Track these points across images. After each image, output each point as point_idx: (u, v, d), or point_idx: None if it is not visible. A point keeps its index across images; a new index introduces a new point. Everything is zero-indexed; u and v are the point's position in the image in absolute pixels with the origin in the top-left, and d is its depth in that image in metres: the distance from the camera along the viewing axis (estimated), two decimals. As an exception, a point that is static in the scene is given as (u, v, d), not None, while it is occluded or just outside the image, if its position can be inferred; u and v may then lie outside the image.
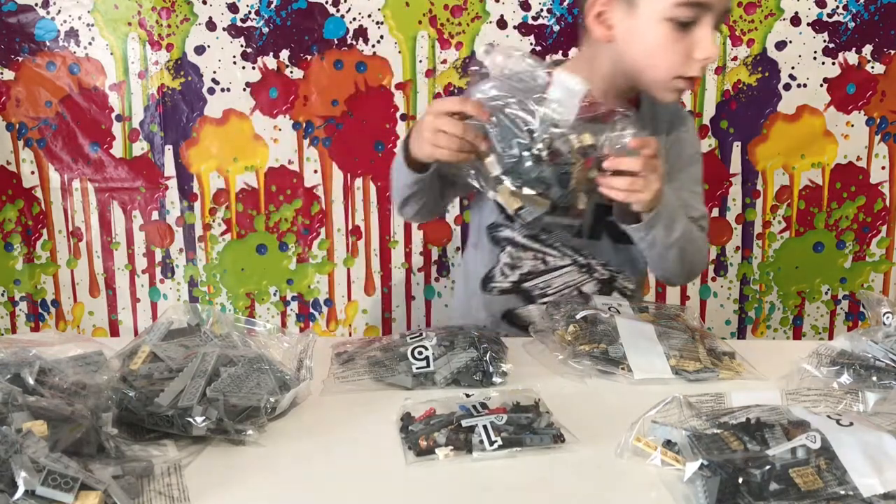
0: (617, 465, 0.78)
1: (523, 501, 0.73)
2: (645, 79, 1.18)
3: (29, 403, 0.73)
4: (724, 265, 2.04)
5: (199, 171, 1.97)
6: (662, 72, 1.15)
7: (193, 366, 0.86)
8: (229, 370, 0.86)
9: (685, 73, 1.14)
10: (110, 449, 0.74)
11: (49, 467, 0.64)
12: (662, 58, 1.14)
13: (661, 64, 1.14)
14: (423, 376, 0.98)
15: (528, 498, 0.73)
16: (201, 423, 0.79)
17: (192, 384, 0.83)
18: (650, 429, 0.79)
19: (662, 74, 1.15)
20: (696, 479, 0.70)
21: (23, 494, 0.62)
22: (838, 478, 0.68)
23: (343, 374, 0.99)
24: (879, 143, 1.95)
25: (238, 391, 0.84)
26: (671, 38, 1.12)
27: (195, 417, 0.79)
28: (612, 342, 1.04)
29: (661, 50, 1.13)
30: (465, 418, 0.82)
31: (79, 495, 0.64)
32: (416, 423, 0.83)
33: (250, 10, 1.89)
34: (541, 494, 0.74)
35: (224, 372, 0.86)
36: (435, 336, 1.02)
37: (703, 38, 1.11)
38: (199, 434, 0.79)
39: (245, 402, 0.83)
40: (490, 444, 0.79)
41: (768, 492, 0.67)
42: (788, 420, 0.76)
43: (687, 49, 1.12)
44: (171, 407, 0.80)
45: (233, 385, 0.85)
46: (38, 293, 2.09)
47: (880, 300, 1.07)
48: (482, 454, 0.78)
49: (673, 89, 1.17)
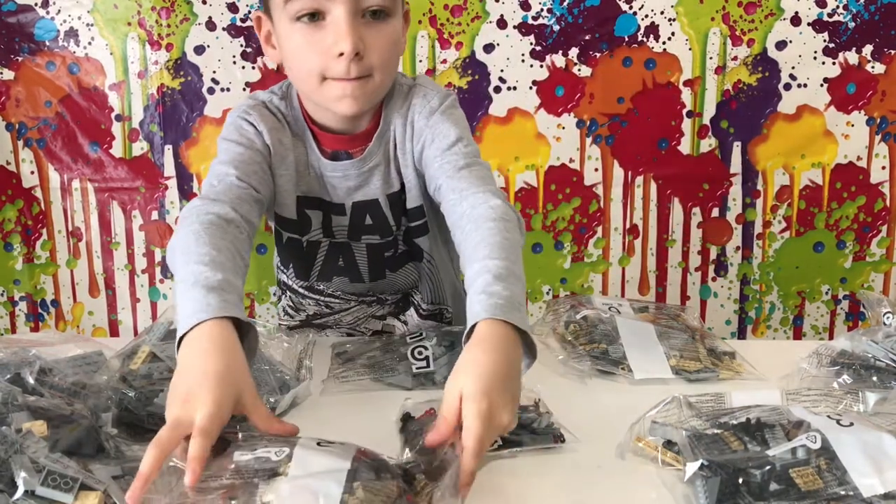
0: (617, 465, 0.78)
1: (523, 502, 0.73)
2: (304, 91, 1.04)
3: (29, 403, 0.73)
4: (724, 265, 2.04)
5: (199, 171, 1.97)
6: (309, 77, 0.99)
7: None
8: None
9: (329, 73, 0.97)
10: (110, 449, 0.74)
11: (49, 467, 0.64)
12: (303, 60, 0.98)
13: (303, 67, 0.99)
14: (423, 376, 0.98)
15: (529, 498, 0.73)
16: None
17: None
18: (650, 429, 0.79)
19: (311, 81, 0.99)
20: (696, 479, 0.70)
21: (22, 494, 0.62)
22: (838, 478, 0.68)
23: (343, 374, 0.99)
24: (879, 143, 1.95)
25: None
26: (302, 39, 0.97)
27: None
28: (612, 342, 1.04)
29: (299, 53, 0.98)
30: None
31: (78, 495, 0.64)
32: (416, 423, 0.83)
33: (250, 10, 1.89)
34: (541, 495, 0.74)
35: None
36: (435, 336, 1.02)
37: (335, 31, 0.95)
38: None
39: None
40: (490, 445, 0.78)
41: (768, 492, 0.67)
42: (788, 420, 0.76)
43: (325, 45, 0.96)
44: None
45: None
46: (38, 293, 2.09)
47: (880, 300, 1.07)
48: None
49: (335, 97, 0.99)
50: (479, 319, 0.79)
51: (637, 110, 1.93)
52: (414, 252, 1.18)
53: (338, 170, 1.07)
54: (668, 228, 2.01)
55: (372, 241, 1.14)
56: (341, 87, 0.98)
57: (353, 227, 1.12)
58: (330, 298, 1.22)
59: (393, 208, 1.11)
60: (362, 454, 0.70)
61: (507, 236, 0.89)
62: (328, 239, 1.14)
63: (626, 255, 2.03)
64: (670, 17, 1.89)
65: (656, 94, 1.93)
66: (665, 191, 1.99)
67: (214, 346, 0.76)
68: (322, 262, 1.17)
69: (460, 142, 1.02)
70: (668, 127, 1.95)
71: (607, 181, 1.98)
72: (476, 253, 0.87)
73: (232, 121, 1.08)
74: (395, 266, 1.18)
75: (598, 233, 2.02)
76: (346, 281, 1.19)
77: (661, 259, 2.03)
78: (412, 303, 1.26)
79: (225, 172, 1.00)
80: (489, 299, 0.80)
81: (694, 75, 1.92)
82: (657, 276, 2.04)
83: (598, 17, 1.89)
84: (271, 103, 1.08)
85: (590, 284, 2.04)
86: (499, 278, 0.83)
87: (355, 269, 1.17)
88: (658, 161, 1.97)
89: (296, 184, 1.08)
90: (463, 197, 0.96)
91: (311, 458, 0.68)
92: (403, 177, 1.09)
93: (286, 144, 1.07)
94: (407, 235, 1.15)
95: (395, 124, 1.07)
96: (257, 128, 1.05)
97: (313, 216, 1.11)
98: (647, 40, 1.90)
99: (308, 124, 1.07)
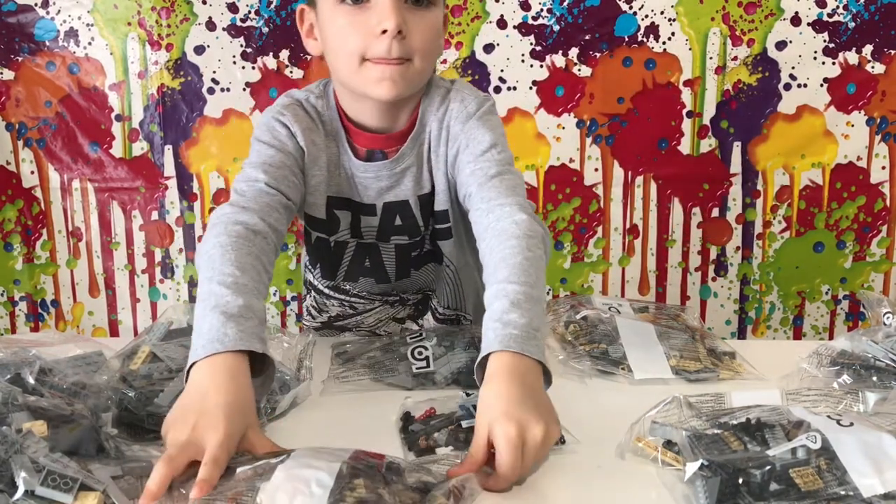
0: (617, 465, 0.78)
1: (523, 502, 0.73)
2: (345, 78, 1.02)
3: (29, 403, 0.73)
4: (724, 265, 2.04)
5: (199, 171, 1.97)
6: (350, 58, 0.98)
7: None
8: None
9: (372, 54, 0.97)
10: (110, 449, 0.73)
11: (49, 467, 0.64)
12: (344, 41, 0.98)
13: (344, 48, 0.98)
14: (423, 376, 0.97)
15: (528, 498, 0.73)
16: None
17: None
18: (650, 429, 0.79)
19: (352, 62, 0.98)
20: (696, 479, 0.70)
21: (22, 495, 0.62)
22: (838, 478, 0.68)
23: (343, 374, 0.99)
24: (879, 143, 1.95)
25: None
26: (346, 20, 0.97)
27: None
28: (612, 342, 1.04)
29: (341, 34, 0.98)
30: (464, 419, 0.82)
31: (78, 495, 0.64)
32: (416, 423, 0.83)
33: (250, 10, 1.89)
34: (541, 495, 0.74)
35: None
36: (435, 336, 1.02)
37: (380, 11, 0.95)
38: None
39: None
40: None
41: (768, 492, 0.67)
42: (788, 420, 0.76)
43: (368, 26, 0.96)
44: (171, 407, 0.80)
45: None
46: (38, 293, 2.09)
47: (880, 300, 1.07)
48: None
49: (374, 79, 0.98)
50: (492, 351, 0.80)
51: (637, 110, 1.93)
52: (436, 253, 1.17)
53: (370, 170, 1.07)
54: (668, 228, 2.01)
55: (401, 241, 1.14)
56: (380, 69, 0.97)
57: (382, 228, 1.12)
58: (355, 299, 1.22)
59: (423, 210, 1.11)
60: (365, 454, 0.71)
61: (528, 255, 0.89)
62: (356, 240, 1.14)
63: (626, 255, 2.03)
64: (670, 17, 1.89)
65: (656, 94, 1.93)
66: (665, 191, 1.99)
67: (227, 379, 0.77)
68: (349, 263, 1.17)
69: (494, 148, 1.02)
70: (668, 127, 1.95)
71: (607, 181, 1.98)
72: (496, 274, 0.88)
73: (266, 121, 1.07)
74: (418, 265, 1.18)
75: (598, 233, 2.02)
76: (371, 282, 1.19)
77: (661, 259, 2.04)
78: (430, 306, 1.26)
79: (255, 178, 1.00)
80: (504, 329, 0.81)
81: (694, 75, 1.92)
82: (657, 277, 2.04)
83: (598, 17, 1.89)
84: (307, 102, 1.08)
85: (590, 284, 2.04)
86: (515, 305, 0.83)
87: (382, 269, 1.17)
88: (658, 161, 1.97)
89: (327, 184, 1.08)
90: (490, 208, 0.96)
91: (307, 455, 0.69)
92: (434, 179, 1.09)
93: (319, 145, 1.07)
94: (432, 237, 1.15)
95: (430, 126, 1.07)
96: (291, 129, 1.05)
97: (342, 217, 1.11)
98: (647, 40, 1.90)
99: (343, 123, 1.07)
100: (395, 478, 0.68)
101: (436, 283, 1.22)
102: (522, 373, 0.79)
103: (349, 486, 0.64)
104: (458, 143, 1.05)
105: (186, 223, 2.01)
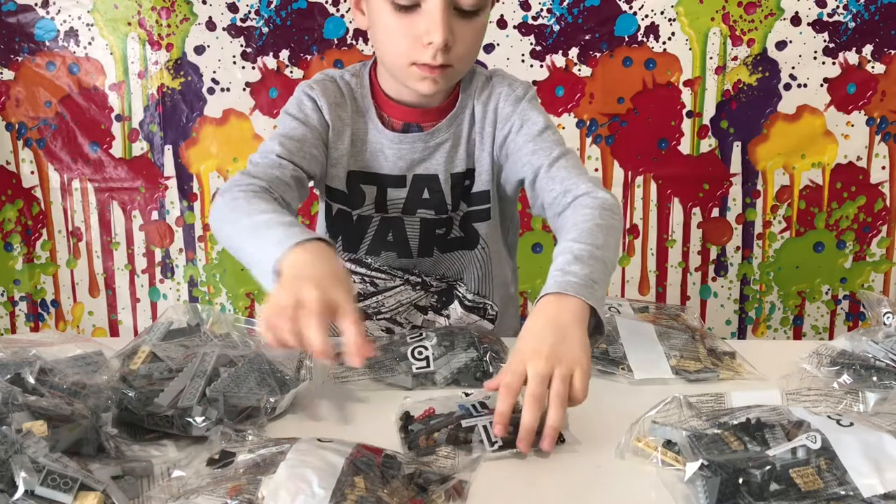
0: (617, 465, 0.78)
1: (522, 502, 0.73)
2: (390, 68, 1.08)
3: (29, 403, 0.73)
4: (724, 265, 2.04)
5: (199, 171, 1.97)
6: (396, 58, 1.04)
7: (193, 366, 0.86)
8: (229, 370, 0.86)
9: (418, 60, 1.01)
10: (110, 449, 0.73)
11: (49, 467, 0.64)
12: (392, 43, 1.03)
13: (392, 49, 1.04)
14: (423, 376, 0.97)
15: (529, 498, 0.73)
16: (201, 424, 0.79)
17: (191, 384, 0.83)
18: (650, 429, 0.79)
19: (398, 61, 1.04)
20: (696, 479, 0.70)
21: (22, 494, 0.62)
22: (838, 478, 0.68)
23: (343, 374, 0.99)
24: (879, 142, 1.95)
25: (238, 391, 0.84)
26: (395, 22, 1.01)
27: (195, 417, 0.79)
28: (612, 342, 1.04)
29: (389, 34, 1.03)
30: (464, 418, 0.82)
31: (78, 495, 0.64)
32: (416, 423, 0.83)
33: (250, 10, 1.89)
34: (541, 494, 0.74)
35: (224, 372, 0.86)
36: (435, 336, 1.02)
37: (429, 20, 0.98)
38: (199, 434, 0.79)
39: (245, 402, 0.83)
40: (490, 445, 0.78)
41: (768, 492, 0.67)
42: (788, 420, 0.76)
43: (415, 33, 1.00)
44: (171, 407, 0.80)
45: (233, 385, 0.84)
46: (38, 293, 2.09)
47: (880, 300, 1.07)
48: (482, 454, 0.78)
49: (418, 77, 1.03)
50: (547, 293, 0.86)
51: (637, 110, 1.93)
52: (468, 239, 1.20)
53: (406, 141, 1.12)
54: (668, 228, 2.01)
55: (426, 215, 1.17)
56: (427, 72, 1.03)
57: (410, 200, 1.16)
58: (375, 273, 1.22)
59: (453, 189, 1.15)
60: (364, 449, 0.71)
61: (599, 223, 0.96)
62: (380, 214, 1.17)
63: (626, 255, 2.03)
64: (670, 17, 1.89)
65: (656, 94, 1.93)
66: (665, 191, 1.99)
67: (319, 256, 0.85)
68: (372, 237, 1.19)
69: (549, 129, 1.10)
70: (668, 127, 1.95)
71: (607, 181, 1.98)
72: (566, 236, 0.95)
73: (296, 94, 1.14)
74: (444, 247, 1.20)
75: (598, 233, 2.01)
76: (393, 256, 1.20)
77: (661, 259, 2.04)
78: (456, 296, 1.25)
79: (270, 149, 1.06)
80: (562, 276, 0.87)
81: (694, 75, 1.92)
82: (657, 276, 2.04)
83: (598, 17, 1.89)
84: (341, 79, 1.14)
85: (590, 284, 2.04)
86: (578, 259, 0.89)
87: (405, 244, 1.19)
88: (658, 161, 1.97)
89: (351, 158, 1.13)
90: (566, 188, 1.04)
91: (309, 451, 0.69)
92: (476, 160, 1.14)
93: (345, 119, 1.12)
94: (465, 221, 1.19)
95: (472, 108, 1.13)
96: (318, 102, 1.11)
97: (367, 191, 1.15)
98: (647, 40, 1.90)
99: (378, 98, 1.13)
100: (394, 472, 0.69)
101: (464, 272, 1.24)
102: (568, 315, 0.84)
103: (350, 484, 0.65)
104: (511, 125, 1.11)
105: (186, 223, 2.01)
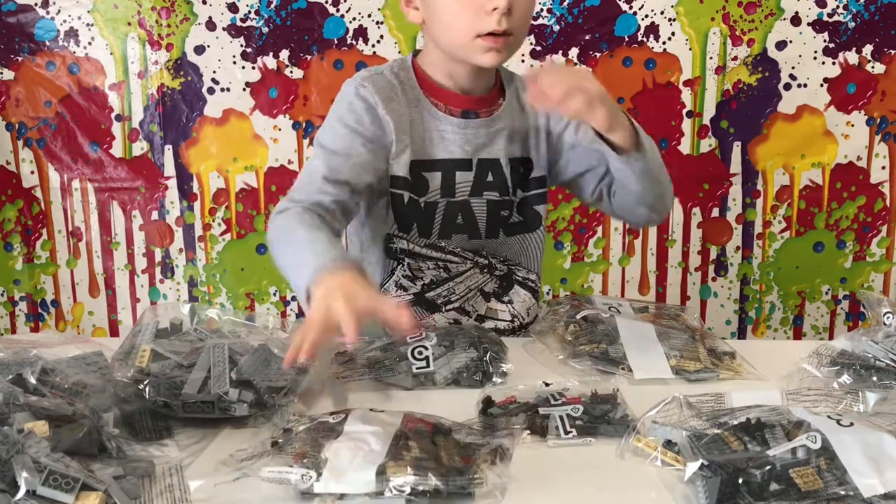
0: (617, 465, 0.78)
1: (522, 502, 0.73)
2: (452, 48, 1.12)
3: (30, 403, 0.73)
4: (724, 265, 2.04)
5: (199, 171, 1.97)
6: (460, 33, 1.09)
7: (206, 357, 0.87)
8: (244, 358, 0.88)
9: (483, 30, 1.07)
10: (111, 449, 0.74)
11: (50, 467, 0.64)
12: (455, 18, 1.08)
13: (456, 25, 1.09)
14: (423, 376, 0.98)
15: (528, 498, 0.73)
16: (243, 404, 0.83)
17: (215, 372, 0.85)
18: (650, 429, 0.79)
19: (462, 37, 1.09)
20: (696, 479, 0.70)
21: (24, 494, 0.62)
22: (838, 478, 0.68)
23: (343, 374, 0.99)
24: (879, 142, 1.95)
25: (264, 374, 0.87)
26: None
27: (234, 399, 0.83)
28: (612, 342, 1.04)
29: (451, 12, 1.08)
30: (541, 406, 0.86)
31: (79, 495, 0.64)
32: (497, 407, 0.87)
33: (250, 10, 1.89)
34: (540, 494, 0.74)
35: (240, 360, 0.88)
36: (435, 336, 1.02)
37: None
38: (241, 414, 0.83)
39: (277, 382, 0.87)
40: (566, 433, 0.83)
41: (768, 492, 0.67)
42: (788, 420, 0.76)
43: (478, 3, 1.06)
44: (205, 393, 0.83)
45: (255, 370, 0.87)
46: (38, 293, 2.09)
47: (880, 300, 1.07)
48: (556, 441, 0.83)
49: (483, 50, 1.09)
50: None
51: (637, 110, 1.93)
52: (529, 222, 1.26)
53: (470, 126, 1.17)
54: (668, 228, 2.01)
55: (492, 197, 1.21)
56: (490, 42, 1.08)
57: (477, 182, 1.20)
58: (450, 256, 1.24)
59: (513, 173, 1.21)
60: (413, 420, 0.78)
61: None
62: (445, 199, 1.20)
63: (626, 255, 2.03)
64: (670, 17, 1.89)
65: (656, 94, 1.93)
66: (665, 191, 1.99)
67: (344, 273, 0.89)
68: (441, 221, 1.21)
69: None
70: (668, 127, 1.95)
71: (607, 181, 1.97)
72: None
73: (347, 92, 1.16)
74: (508, 230, 1.25)
75: (598, 233, 2.02)
76: (464, 238, 1.23)
77: (661, 259, 2.04)
78: (516, 280, 1.27)
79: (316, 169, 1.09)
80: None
81: (694, 75, 1.92)
82: (657, 276, 2.04)
83: (598, 17, 1.89)
84: (390, 71, 1.17)
85: (590, 284, 2.04)
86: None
87: (474, 225, 1.23)
88: (658, 161, 1.97)
89: (412, 148, 1.16)
90: None
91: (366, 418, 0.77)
92: (531, 147, 1.22)
93: (401, 112, 1.15)
94: (525, 204, 1.25)
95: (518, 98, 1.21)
96: (371, 100, 1.13)
97: (430, 178, 1.18)
98: (647, 40, 1.90)
99: (430, 89, 1.17)
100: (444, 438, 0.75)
101: (522, 255, 1.28)
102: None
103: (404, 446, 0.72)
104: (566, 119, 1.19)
105: (186, 223, 2.01)
